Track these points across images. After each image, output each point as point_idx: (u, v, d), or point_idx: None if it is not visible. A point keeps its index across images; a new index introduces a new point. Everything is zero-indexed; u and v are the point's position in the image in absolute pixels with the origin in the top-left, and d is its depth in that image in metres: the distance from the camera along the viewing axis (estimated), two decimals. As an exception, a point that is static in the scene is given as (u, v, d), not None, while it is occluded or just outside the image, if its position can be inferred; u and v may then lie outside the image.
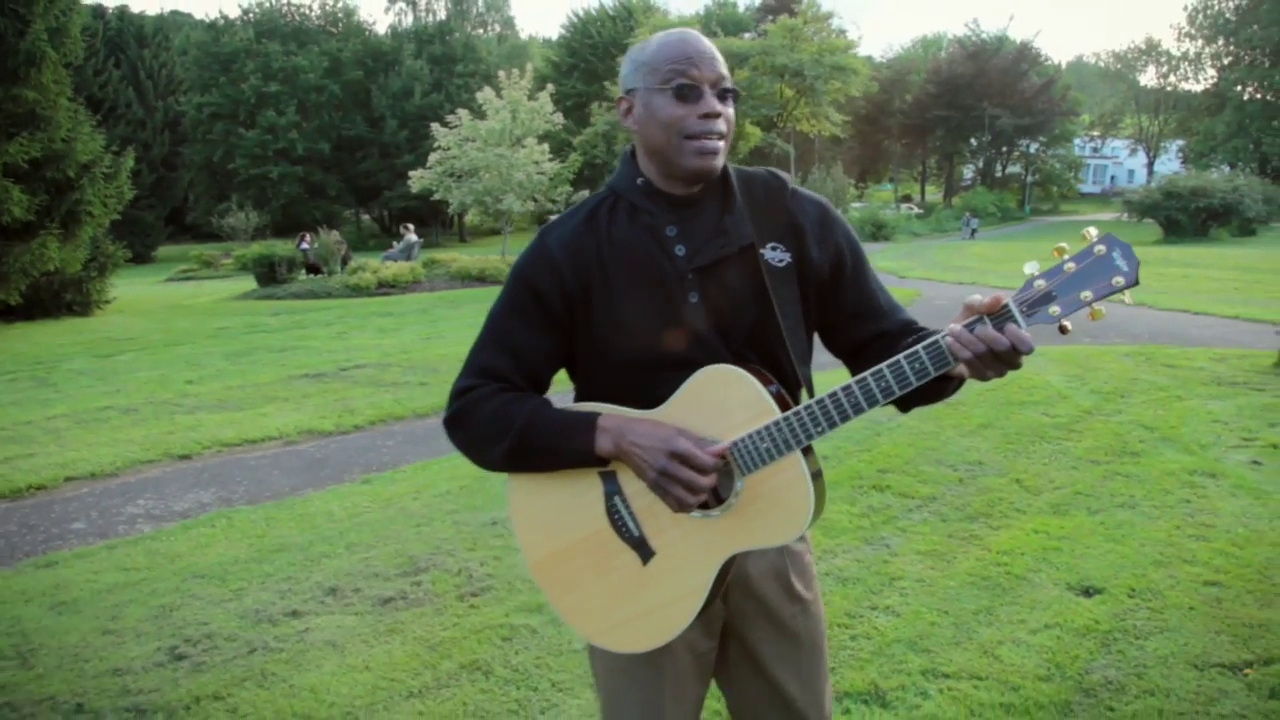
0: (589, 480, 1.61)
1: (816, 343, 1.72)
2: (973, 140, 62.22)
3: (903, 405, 1.57)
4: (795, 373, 1.61)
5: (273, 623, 3.78)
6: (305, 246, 23.73)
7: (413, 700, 3.15)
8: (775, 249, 1.60)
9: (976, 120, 57.07)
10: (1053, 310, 1.35)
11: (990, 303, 1.37)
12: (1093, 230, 1.36)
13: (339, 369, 9.87)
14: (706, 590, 1.57)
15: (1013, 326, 1.35)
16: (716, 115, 1.54)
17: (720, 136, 1.55)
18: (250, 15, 53.44)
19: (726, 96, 1.56)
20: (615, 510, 1.60)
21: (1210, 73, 58.16)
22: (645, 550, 1.59)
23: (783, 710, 1.73)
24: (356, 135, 51.41)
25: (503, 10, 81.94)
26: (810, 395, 1.60)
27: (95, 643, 3.64)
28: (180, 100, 50.34)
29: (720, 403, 1.52)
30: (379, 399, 8.22)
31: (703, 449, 1.50)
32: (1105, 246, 1.35)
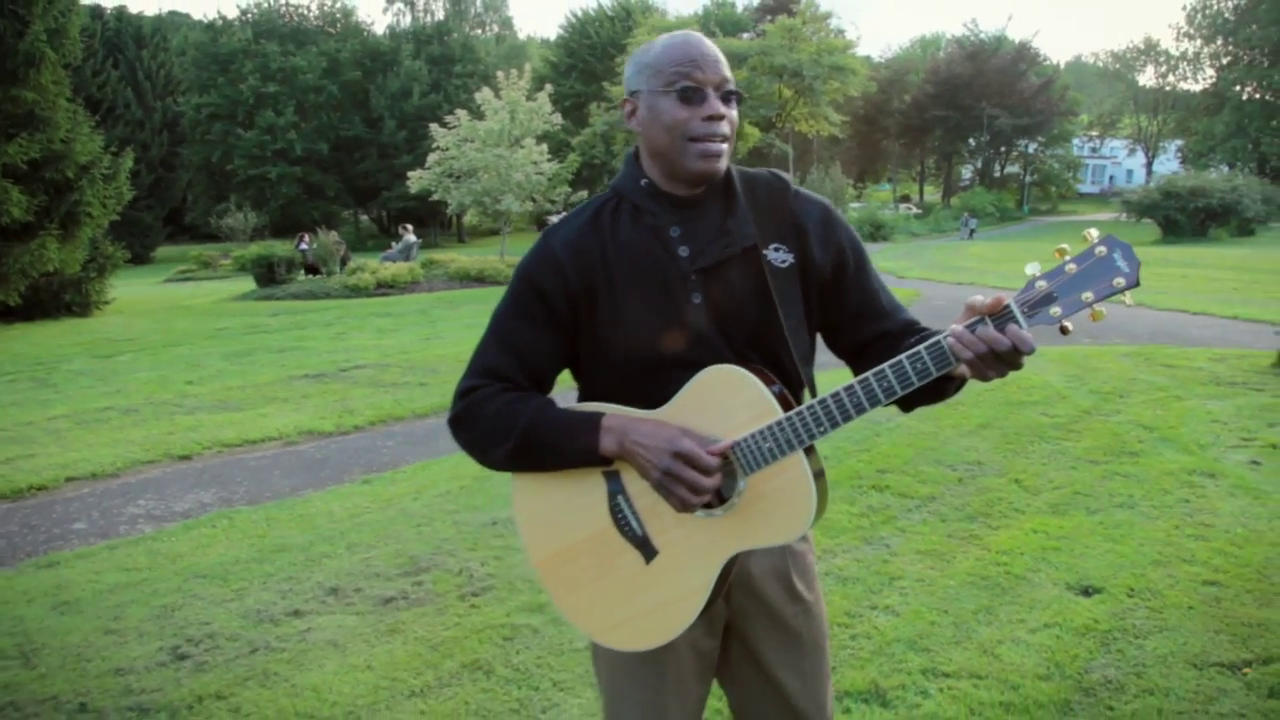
0: (592, 480, 1.62)
1: (819, 343, 1.73)
2: (971, 140, 62.19)
3: (905, 405, 1.57)
4: (798, 373, 1.62)
5: (274, 622, 3.78)
6: (304, 247, 23.76)
7: (415, 699, 3.16)
8: (778, 250, 1.61)
9: (975, 120, 57.08)
10: (1054, 311, 1.36)
11: (992, 303, 1.38)
12: (1094, 232, 1.37)
13: (338, 369, 9.87)
14: (709, 589, 1.58)
15: (1014, 327, 1.36)
16: (720, 117, 1.55)
17: (723, 139, 1.56)
18: (248, 16, 53.41)
19: (730, 99, 1.57)
20: (618, 509, 1.61)
21: (1209, 72, 58.30)
22: (648, 549, 1.60)
23: (784, 710, 1.74)
24: (355, 136, 51.41)
25: (501, 10, 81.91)
26: (813, 395, 1.61)
27: (97, 642, 3.65)
28: (178, 101, 50.32)
29: (723, 403, 1.53)
30: (378, 399, 8.22)
31: (706, 449, 1.50)
32: (1106, 248, 1.35)
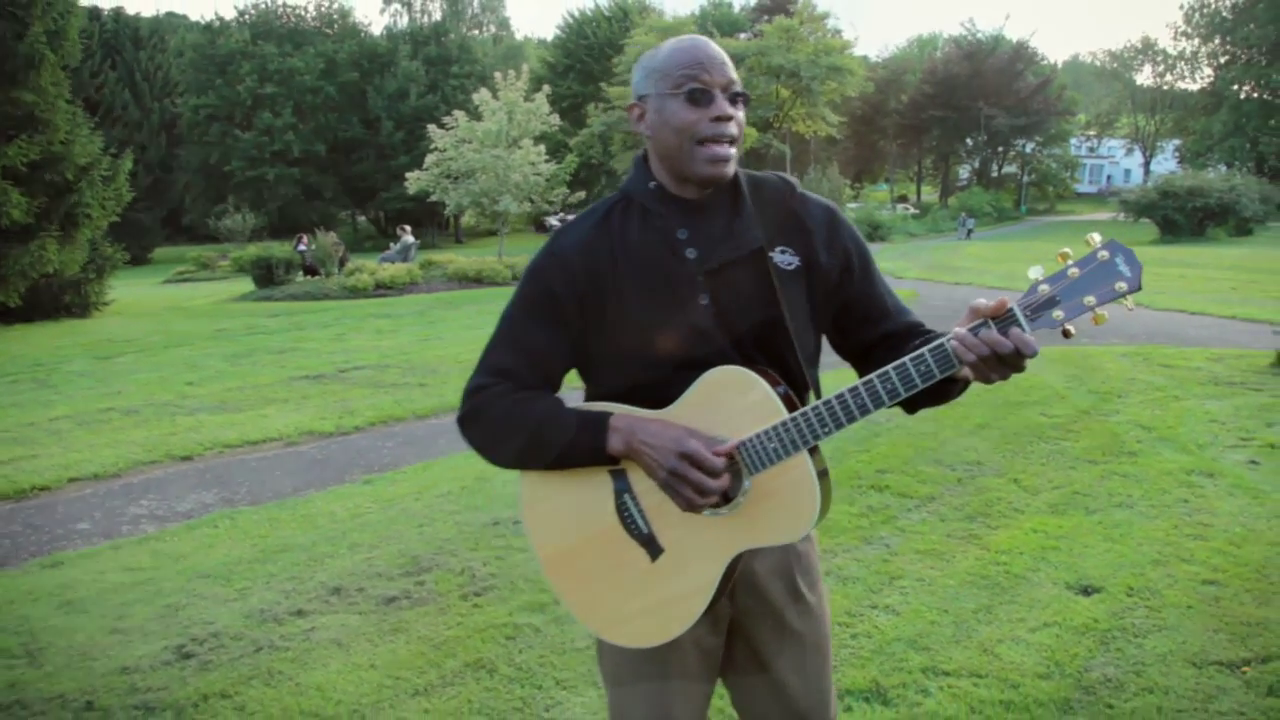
0: (599, 478, 1.64)
1: (823, 344, 1.75)
2: (969, 140, 62.19)
3: (909, 407, 1.59)
4: (803, 374, 1.64)
5: (278, 622, 3.80)
6: (303, 248, 23.78)
7: (418, 698, 3.18)
8: (784, 252, 1.63)
9: (972, 120, 57.09)
10: (1056, 315, 1.37)
11: (995, 306, 1.39)
12: (1096, 236, 1.38)
13: (338, 370, 9.88)
14: (713, 587, 1.59)
15: (1017, 330, 1.37)
16: (728, 118, 1.57)
17: (731, 140, 1.58)
18: (246, 17, 53.31)
19: (737, 100, 1.59)
20: (625, 508, 1.63)
21: (1207, 72, 58.26)
22: (654, 547, 1.62)
23: (786, 708, 1.75)
24: (352, 137, 51.35)
25: (498, 11, 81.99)
26: (817, 396, 1.62)
27: (103, 641, 3.67)
28: (176, 102, 50.23)
29: (729, 403, 1.55)
30: (378, 400, 8.23)
31: (712, 450, 1.52)
32: (1108, 252, 1.37)
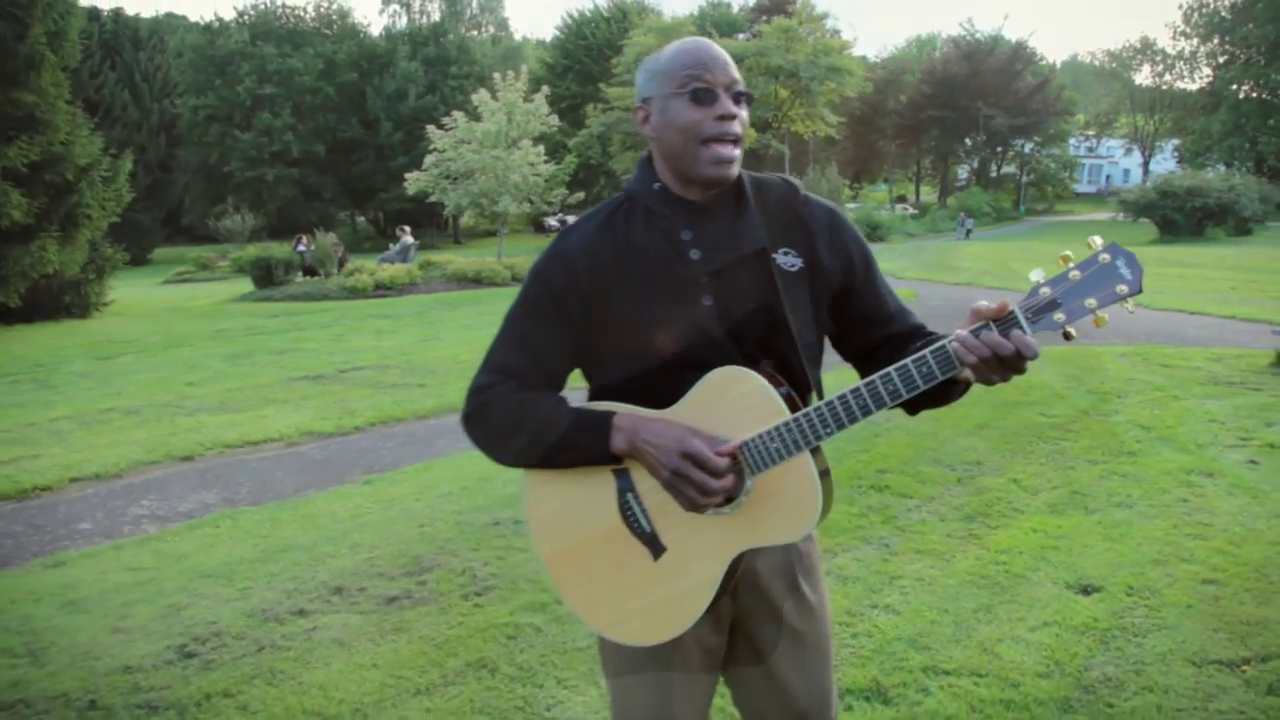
0: (603, 477, 1.64)
1: (825, 345, 1.76)
2: (967, 140, 62.25)
3: (910, 408, 1.60)
4: (805, 375, 1.65)
5: (280, 621, 3.81)
6: (302, 249, 23.80)
7: (420, 697, 3.19)
8: (787, 254, 1.64)
9: (971, 120, 57.13)
10: (1058, 317, 1.39)
11: (997, 308, 1.40)
12: (1098, 239, 1.39)
13: (338, 371, 9.89)
14: (716, 586, 1.60)
15: (1018, 333, 1.38)
16: (732, 116, 1.58)
17: (735, 139, 1.59)
18: (245, 17, 53.31)
19: (740, 99, 1.60)
20: (628, 506, 1.64)
21: (1206, 71, 58.32)
22: (656, 546, 1.63)
23: (787, 707, 1.76)
24: (351, 137, 51.36)
25: (497, 12, 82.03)
26: (819, 397, 1.64)
27: (105, 641, 3.68)
28: (176, 103, 50.22)
29: (732, 403, 1.56)
30: (378, 401, 8.24)
31: (714, 450, 1.53)
32: (1110, 255, 1.38)
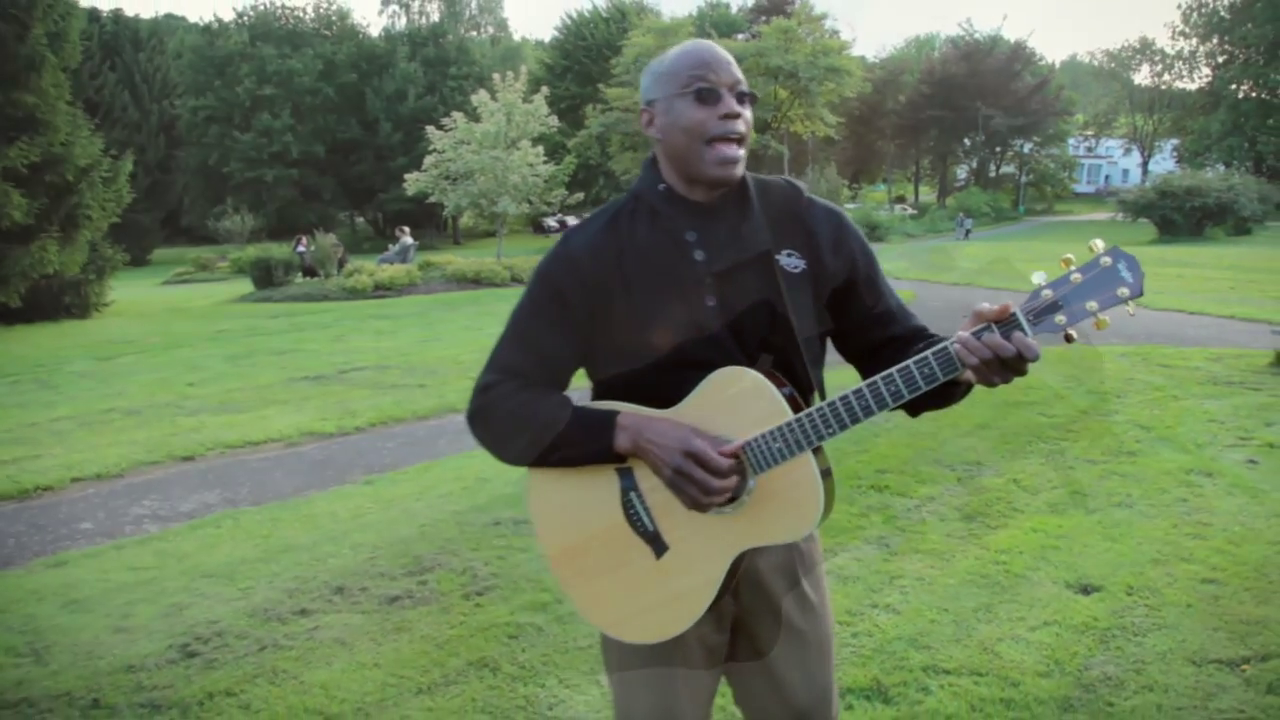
0: (606, 476, 1.65)
1: (828, 346, 1.77)
2: (966, 140, 62.23)
3: (911, 409, 1.61)
4: (808, 376, 1.66)
5: (282, 621, 3.82)
6: (302, 250, 23.81)
7: (422, 697, 3.19)
8: (790, 255, 1.65)
9: (970, 120, 57.11)
10: (1059, 319, 1.40)
11: (998, 311, 1.42)
12: (1099, 243, 1.40)
13: (338, 371, 9.90)
14: (718, 584, 1.61)
15: (1020, 335, 1.40)
16: (736, 116, 1.59)
17: (739, 139, 1.60)
18: (245, 18, 53.33)
19: (744, 99, 1.62)
20: (631, 505, 1.65)
21: (1205, 71, 58.32)
22: (659, 544, 1.64)
23: (787, 705, 1.77)
24: (351, 138, 51.36)
25: (496, 12, 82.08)
26: (822, 398, 1.65)
27: (108, 640, 3.68)
28: (175, 104, 50.21)
29: (735, 403, 1.57)
30: (379, 401, 8.25)
31: (717, 449, 1.54)
32: (1111, 258, 1.39)
